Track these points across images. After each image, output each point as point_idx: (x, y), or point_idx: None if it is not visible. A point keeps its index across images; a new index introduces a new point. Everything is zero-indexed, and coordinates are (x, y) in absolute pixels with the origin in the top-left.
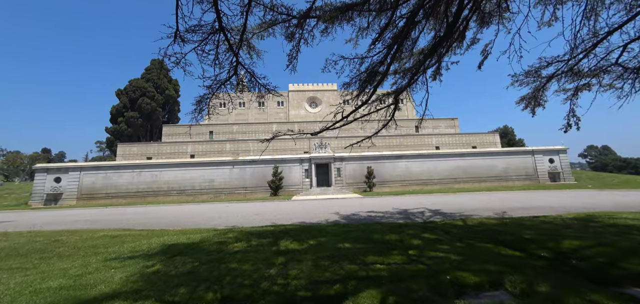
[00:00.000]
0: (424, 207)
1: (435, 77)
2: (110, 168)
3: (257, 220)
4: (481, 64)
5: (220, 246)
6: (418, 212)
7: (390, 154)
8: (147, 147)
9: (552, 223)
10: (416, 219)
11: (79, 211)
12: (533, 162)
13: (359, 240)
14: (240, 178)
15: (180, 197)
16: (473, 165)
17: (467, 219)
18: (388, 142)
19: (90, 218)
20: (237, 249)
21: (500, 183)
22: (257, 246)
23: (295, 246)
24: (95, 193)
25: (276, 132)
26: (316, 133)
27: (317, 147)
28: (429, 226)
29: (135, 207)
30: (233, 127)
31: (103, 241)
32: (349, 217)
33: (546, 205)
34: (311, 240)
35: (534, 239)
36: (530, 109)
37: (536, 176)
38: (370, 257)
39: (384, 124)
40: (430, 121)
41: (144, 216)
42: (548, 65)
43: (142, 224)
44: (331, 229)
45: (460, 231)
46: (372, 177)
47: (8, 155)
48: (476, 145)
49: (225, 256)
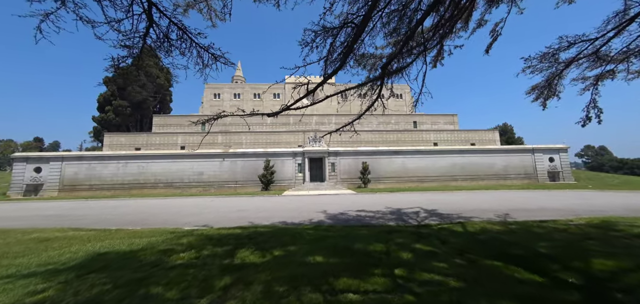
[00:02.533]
0: (420, 206)
1: (436, 63)
2: (94, 158)
3: (235, 218)
4: (490, 46)
5: (161, 257)
6: (412, 213)
7: (387, 149)
8: (135, 138)
9: (566, 231)
10: (410, 220)
11: (54, 203)
12: (533, 161)
13: (336, 251)
14: (231, 171)
15: (168, 190)
16: (472, 163)
17: (467, 224)
18: (385, 137)
19: (55, 213)
20: (178, 263)
21: (499, 182)
22: (207, 257)
23: (255, 258)
24: (78, 184)
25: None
26: (277, 113)
27: (311, 140)
28: (423, 232)
29: (115, 200)
30: (226, 118)
31: (23, 247)
32: (336, 217)
33: (551, 207)
34: (277, 250)
35: (552, 256)
36: (542, 100)
37: (535, 175)
38: (343, 280)
39: (370, 105)
40: (428, 116)
41: (113, 211)
42: (569, 46)
43: (102, 221)
44: (308, 234)
45: (459, 240)
46: (367, 173)
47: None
48: (475, 142)
49: (156, 273)
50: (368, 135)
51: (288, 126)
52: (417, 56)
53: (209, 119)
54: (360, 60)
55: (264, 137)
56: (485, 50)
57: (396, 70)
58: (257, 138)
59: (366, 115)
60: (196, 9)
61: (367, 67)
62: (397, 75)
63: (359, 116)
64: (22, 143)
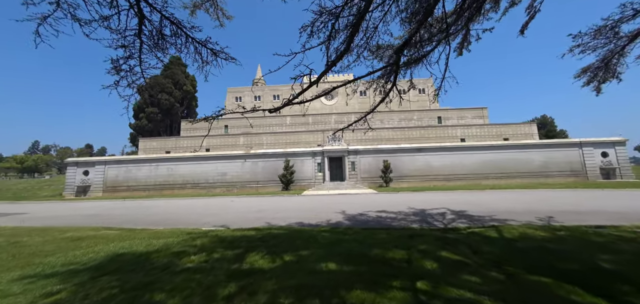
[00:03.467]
0: (446, 207)
1: (462, 50)
2: (130, 162)
3: (253, 219)
4: (525, 26)
5: (172, 260)
6: (438, 214)
7: (409, 146)
8: (165, 142)
9: (635, 241)
10: (435, 223)
11: (97, 203)
12: (580, 156)
13: (351, 257)
14: (252, 172)
15: (195, 191)
16: (505, 159)
17: (503, 228)
18: (407, 135)
19: (95, 212)
20: (187, 266)
21: (538, 180)
22: (216, 261)
23: (264, 263)
24: (118, 186)
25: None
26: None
27: (331, 139)
28: (450, 237)
29: (148, 200)
30: (247, 120)
31: (55, 246)
32: (354, 218)
33: (608, 209)
34: (288, 254)
35: (619, 272)
36: (596, 84)
37: (584, 172)
38: (355, 292)
39: (384, 96)
40: (454, 111)
41: (145, 211)
42: (635, 14)
43: (132, 221)
44: (323, 237)
45: (494, 248)
46: (389, 171)
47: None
48: (509, 137)
49: (163, 277)
50: (389, 132)
51: (307, 126)
52: (438, 43)
53: (207, 118)
54: (376, 51)
55: (284, 138)
56: (520, 30)
57: (416, 59)
58: (277, 139)
59: (386, 111)
60: (203, 9)
61: (384, 60)
62: (416, 64)
63: (373, 109)
64: (76, 149)
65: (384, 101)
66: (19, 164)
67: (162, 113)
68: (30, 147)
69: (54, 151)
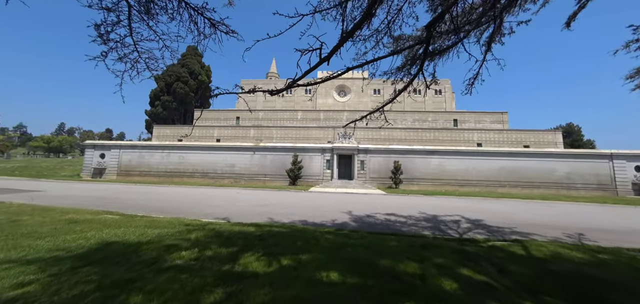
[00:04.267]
0: (460, 214)
1: (490, 46)
2: (143, 148)
3: (256, 213)
4: (573, 17)
5: (162, 254)
6: (451, 222)
7: (422, 148)
8: (179, 130)
9: None
10: (449, 231)
11: (109, 186)
12: (610, 169)
13: (356, 266)
14: (260, 165)
15: (204, 180)
16: (524, 167)
17: (530, 244)
18: (420, 136)
19: (104, 195)
20: (175, 264)
21: (560, 191)
22: (207, 260)
23: (258, 266)
24: (131, 170)
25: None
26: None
27: (341, 137)
28: (469, 251)
29: (157, 186)
30: (259, 113)
31: (51, 228)
32: (361, 219)
33: None
34: (287, 257)
35: None
36: None
37: (613, 186)
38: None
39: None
40: (472, 114)
41: (150, 197)
42: None
43: (136, 206)
44: (326, 240)
45: (523, 268)
46: (399, 172)
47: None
48: (529, 144)
49: (147, 275)
50: (401, 133)
51: (318, 122)
52: (467, 34)
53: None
54: (396, 41)
55: (294, 133)
56: (566, 23)
57: (440, 51)
58: (287, 133)
59: (399, 111)
60: None
61: (404, 53)
62: (441, 56)
63: (394, 97)
64: (97, 133)
65: (406, 89)
66: (46, 144)
67: (176, 102)
68: (56, 128)
69: (77, 133)
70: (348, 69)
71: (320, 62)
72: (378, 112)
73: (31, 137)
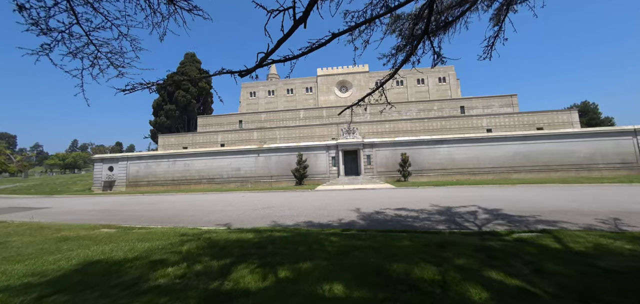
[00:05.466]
0: (475, 204)
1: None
2: (150, 158)
3: (258, 217)
4: None
5: (145, 272)
6: (467, 213)
7: (429, 138)
8: (183, 138)
9: None
10: (466, 224)
11: (115, 198)
12: (635, 146)
13: (364, 274)
14: (265, 167)
15: (210, 186)
16: (540, 150)
17: (562, 234)
18: (426, 126)
19: (108, 207)
20: (157, 284)
21: (580, 173)
22: (194, 276)
23: (252, 281)
24: (139, 181)
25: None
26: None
27: (345, 132)
28: (493, 246)
29: (163, 195)
30: (261, 115)
31: (37, 248)
32: (370, 217)
33: None
34: (285, 268)
35: None
36: None
37: (639, 164)
38: None
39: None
40: (479, 99)
41: (154, 207)
42: None
43: (136, 218)
44: (331, 243)
45: (565, 266)
46: (407, 165)
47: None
48: (543, 126)
49: (120, 300)
50: (407, 124)
51: (321, 119)
52: (472, 4)
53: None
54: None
55: (297, 132)
56: None
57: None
58: (290, 133)
59: (404, 102)
60: None
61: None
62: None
63: (396, 71)
64: (108, 147)
65: (408, 59)
66: (61, 161)
67: (179, 110)
68: (70, 145)
69: (90, 148)
70: (334, 36)
71: (295, 26)
72: (378, 93)
73: (47, 156)
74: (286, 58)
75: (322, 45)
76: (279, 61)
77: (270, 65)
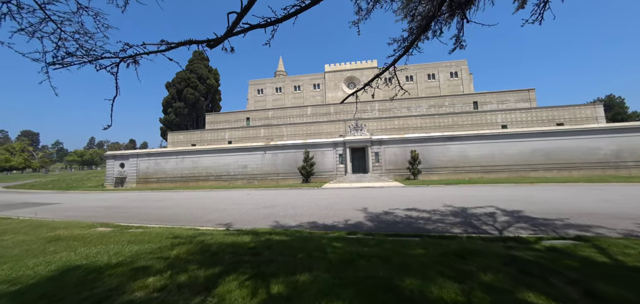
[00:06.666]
0: (492, 204)
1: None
2: (159, 155)
3: (261, 216)
4: None
5: (123, 282)
6: (485, 215)
7: (440, 135)
8: (191, 135)
9: None
10: (485, 227)
11: (122, 194)
12: None
13: (371, 292)
14: (272, 164)
15: (217, 183)
16: (561, 147)
17: (604, 243)
18: (437, 122)
19: (113, 204)
20: (129, 300)
21: (606, 171)
22: (176, 289)
23: (237, 298)
24: (149, 177)
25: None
26: None
27: (353, 129)
28: (524, 258)
29: (170, 192)
30: (268, 112)
31: (24, 249)
32: (378, 218)
33: None
34: (279, 281)
35: None
36: None
37: None
38: None
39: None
40: (493, 94)
41: (157, 204)
42: None
43: (137, 216)
44: (334, 251)
45: (622, 287)
46: (417, 162)
47: (110, 145)
48: (564, 121)
49: None
50: (416, 120)
51: (328, 116)
52: None
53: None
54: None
55: (304, 129)
56: None
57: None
58: (297, 130)
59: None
60: None
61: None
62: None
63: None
64: (123, 144)
65: (419, 37)
66: (79, 157)
67: (188, 107)
68: (87, 142)
69: (106, 145)
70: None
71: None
72: (388, 73)
73: (67, 153)
74: (268, 21)
75: (314, 2)
76: (259, 27)
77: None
